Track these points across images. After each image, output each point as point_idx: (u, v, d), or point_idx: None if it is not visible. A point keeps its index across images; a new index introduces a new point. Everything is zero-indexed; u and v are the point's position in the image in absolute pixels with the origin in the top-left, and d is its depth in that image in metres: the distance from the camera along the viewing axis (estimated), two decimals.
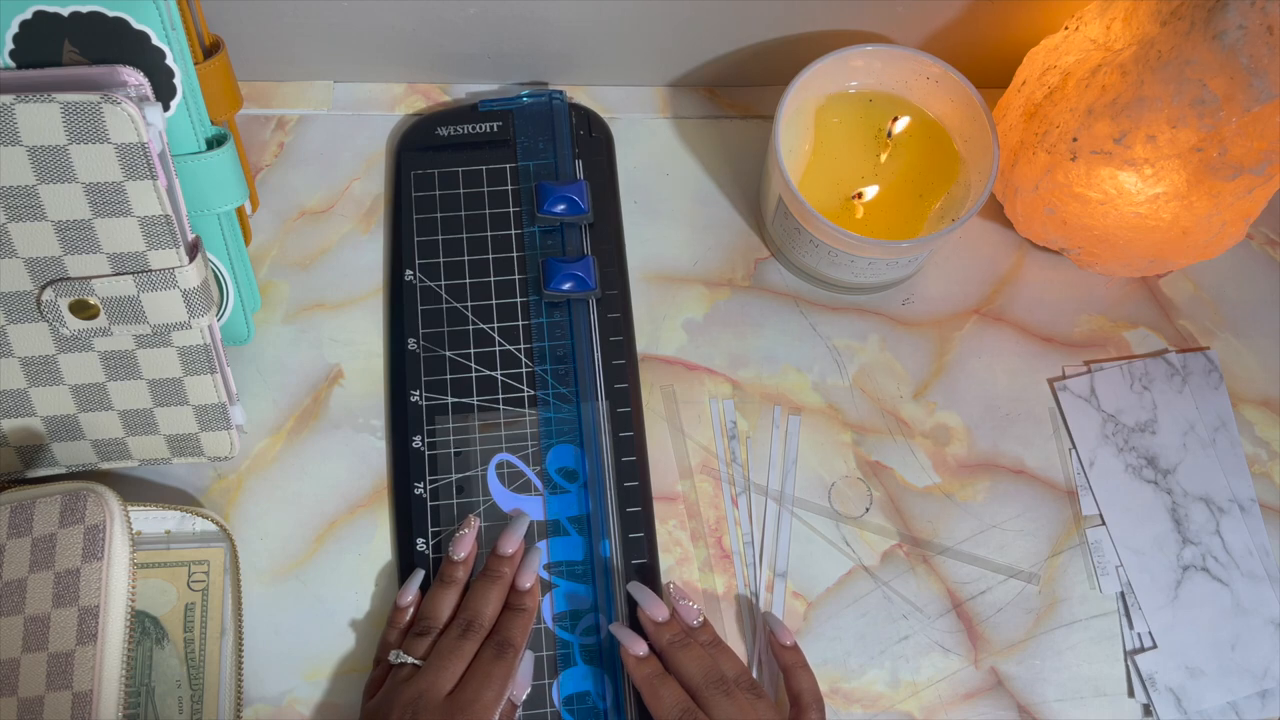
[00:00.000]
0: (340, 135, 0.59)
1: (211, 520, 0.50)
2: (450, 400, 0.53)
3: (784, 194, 0.52)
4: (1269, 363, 0.58)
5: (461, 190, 0.57)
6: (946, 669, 0.52)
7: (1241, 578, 0.53)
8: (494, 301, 0.55)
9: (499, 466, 0.52)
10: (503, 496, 0.52)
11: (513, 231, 0.56)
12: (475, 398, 0.54)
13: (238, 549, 0.51)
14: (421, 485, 0.52)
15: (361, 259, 0.57)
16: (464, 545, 0.50)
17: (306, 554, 0.52)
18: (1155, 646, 0.52)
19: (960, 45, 0.57)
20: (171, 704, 0.48)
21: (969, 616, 0.53)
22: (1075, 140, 0.50)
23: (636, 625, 0.50)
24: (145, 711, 0.48)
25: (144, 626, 0.48)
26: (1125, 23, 0.49)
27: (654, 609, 0.49)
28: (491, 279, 0.55)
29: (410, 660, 0.46)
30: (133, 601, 0.44)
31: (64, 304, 0.45)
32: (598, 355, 0.54)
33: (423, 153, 0.57)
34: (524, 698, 0.49)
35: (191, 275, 0.45)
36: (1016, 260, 0.59)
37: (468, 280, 0.55)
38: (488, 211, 0.56)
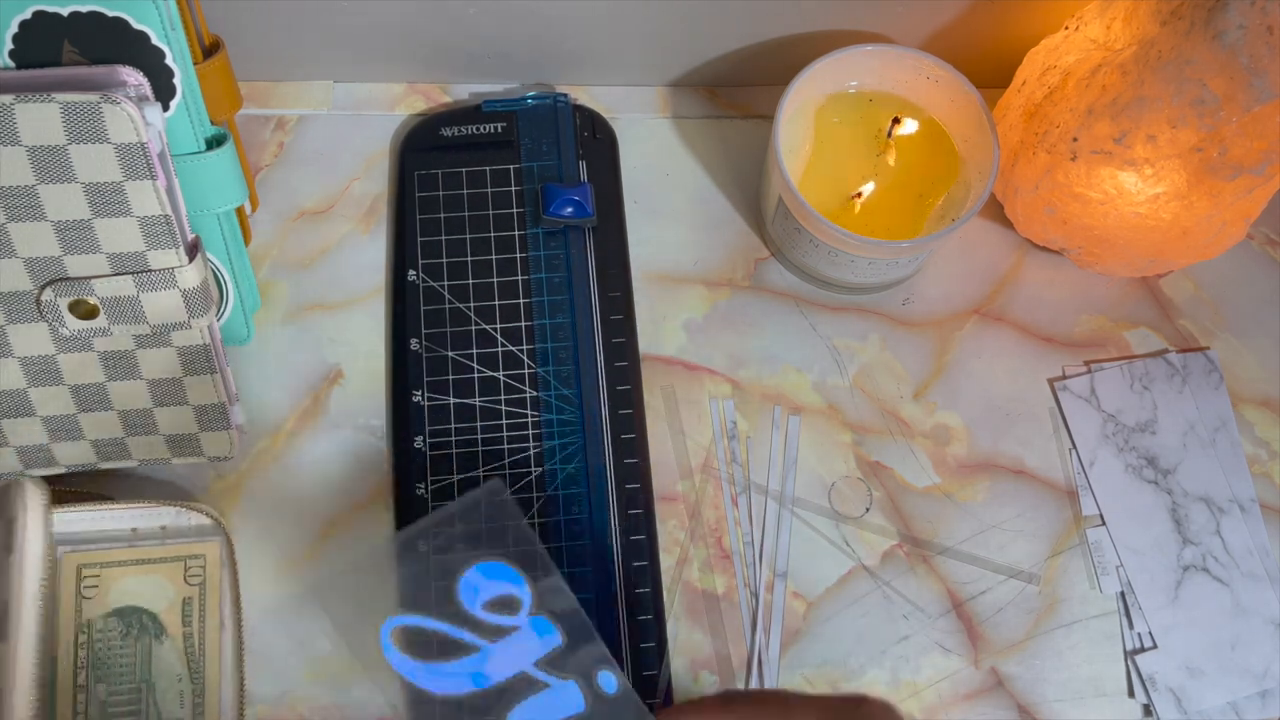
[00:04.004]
0: (340, 135, 0.59)
1: (206, 514, 0.50)
2: (453, 401, 0.53)
3: (784, 194, 0.52)
4: (1269, 363, 0.58)
5: (465, 191, 0.57)
6: (947, 669, 0.52)
7: (1242, 578, 0.53)
8: (497, 302, 0.55)
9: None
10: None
11: (516, 233, 0.56)
12: (478, 399, 0.53)
13: (234, 542, 0.50)
14: (423, 486, 0.52)
15: (362, 259, 0.57)
16: None
17: (306, 554, 0.52)
18: (1155, 646, 0.52)
19: (960, 45, 0.57)
20: (173, 698, 0.48)
21: (969, 617, 0.53)
22: (1075, 140, 0.50)
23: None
24: (146, 707, 0.48)
25: (141, 622, 0.48)
26: (1125, 23, 0.49)
27: None
28: (495, 280, 0.55)
29: None
30: (43, 602, 0.43)
31: (63, 304, 0.45)
32: (600, 357, 0.54)
33: (427, 153, 0.57)
34: None
35: (191, 275, 0.45)
36: (1016, 260, 0.59)
37: (471, 281, 0.55)
38: (491, 212, 0.56)
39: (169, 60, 0.44)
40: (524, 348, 0.54)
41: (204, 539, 0.49)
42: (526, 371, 0.54)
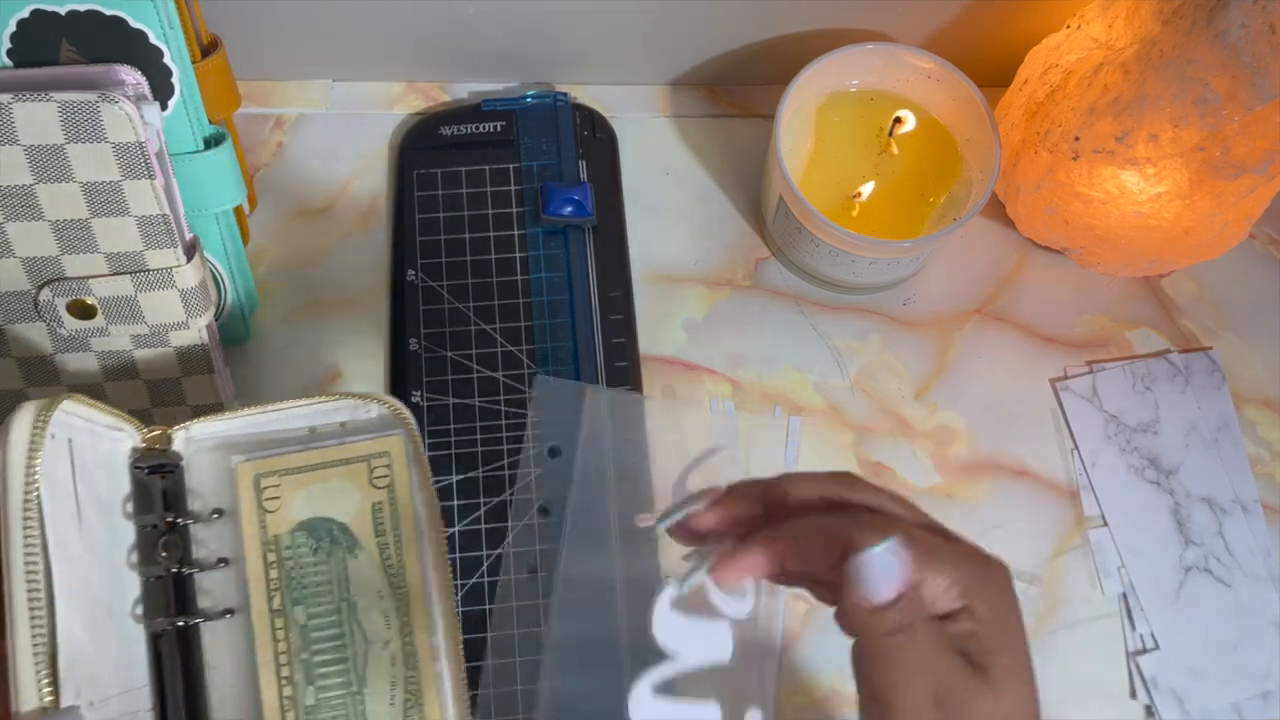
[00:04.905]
0: (339, 134, 0.59)
1: (385, 404, 0.44)
2: (452, 401, 0.53)
3: (785, 193, 0.52)
4: (1271, 363, 0.57)
5: (464, 190, 0.57)
6: None
7: (1244, 579, 0.53)
8: (496, 302, 0.55)
9: None
10: None
11: (515, 232, 0.56)
12: (477, 399, 0.53)
13: (417, 434, 0.45)
14: None
15: (360, 259, 0.57)
16: None
17: None
18: (1157, 648, 0.52)
19: (962, 44, 0.57)
20: (376, 618, 0.43)
21: None
22: (1077, 139, 0.49)
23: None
24: (350, 629, 0.42)
25: (332, 535, 0.43)
26: (1127, 21, 0.49)
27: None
28: (494, 279, 0.55)
29: None
30: (29, 516, 0.36)
31: (61, 304, 0.45)
32: (600, 357, 0.54)
33: (426, 152, 0.57)
34: None
35: (189, 275, 0.45)
36: (1018, 260, 0.59)
37: (470, 280, 0.55)
38: (490, 212, 0.56)
39: (167, 59, 0.43)
40: (523, 348, 0.54)
41: (385, 433, 0.44)
42: (526, 372, 0.54)
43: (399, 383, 0.54)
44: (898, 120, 0.54)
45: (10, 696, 0.34)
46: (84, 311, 0.45)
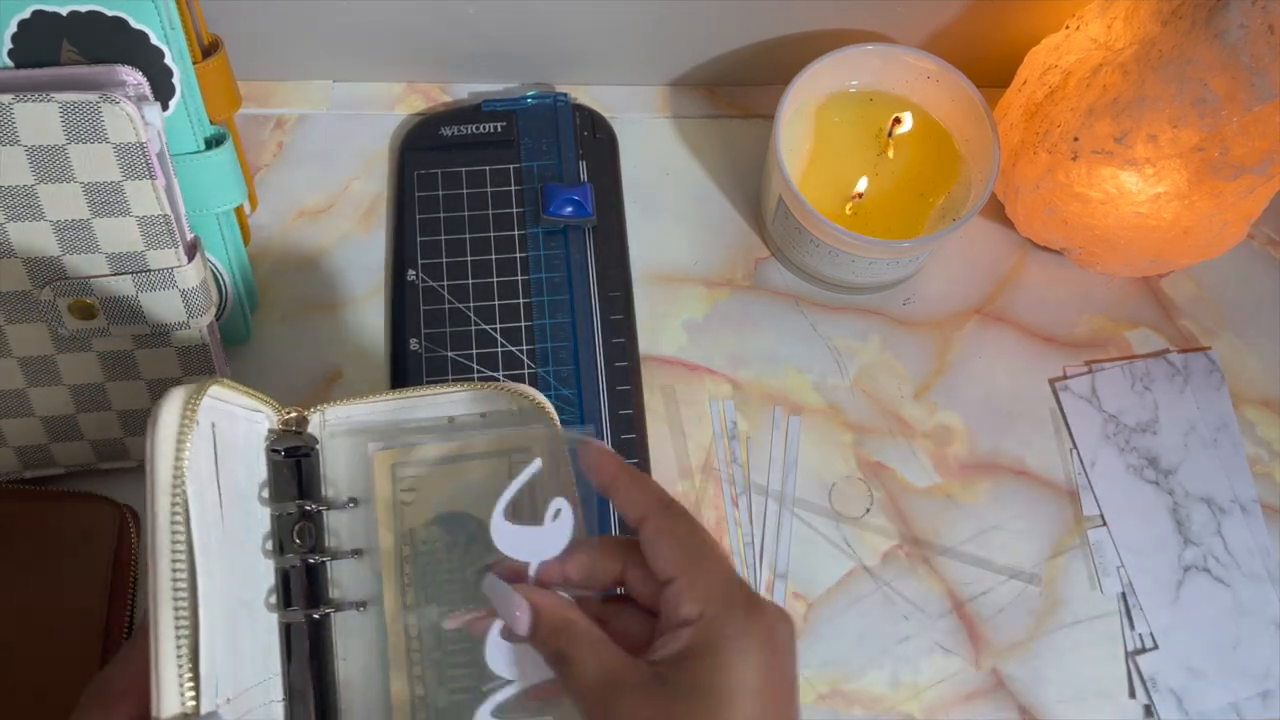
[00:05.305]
0: (339, 134, 0.59)
1: (527, 397, 0.41)
2: None
3: (784, 194, 0.52)
4: (1270, 363, 0.57)
5: (465, 190, 0.57)
6: (947, 670, 0.52)
7: (1243, 578, 0.53)
8: (496, 302, 0.55)
9: None
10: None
11: (516, 232, 0.56)
12: None
13: (560, 430, 0.42)
14: None
15: (361, 259, 0.57)
16: None
17: None
18: (1156, 647, 0.52)
19: (961, 44, 0.57)
20: None
21: (970, 617, 0.53)
22: (1076, 140, 0.49)
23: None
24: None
25: (469, 531, 0.41)
26: (1126, 22, 0.49)
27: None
28: (494, 280, 0.55)
29: None
30: (177, 495, 0.34)
31: (62, 304, 0.45)
32: (600, 357, 0.54)
33: (426, 152, 0.57)
34: None
35: (190, 275, 0.45)
36: (1017, 260, 0.59)
37: (470, 280, 0.55)
38: (491, 212, 0.56)
39: (168, 59, 0.43)
40: (524, 348, 0.54)
41: (528, 427, 0.41)
42: (526, 372, 0.54)
43: (400, 383, 0.54)
44: (897, 121, 0.54)
45: (151, 701, 0.32)
46: (85, 311, 0.45)
